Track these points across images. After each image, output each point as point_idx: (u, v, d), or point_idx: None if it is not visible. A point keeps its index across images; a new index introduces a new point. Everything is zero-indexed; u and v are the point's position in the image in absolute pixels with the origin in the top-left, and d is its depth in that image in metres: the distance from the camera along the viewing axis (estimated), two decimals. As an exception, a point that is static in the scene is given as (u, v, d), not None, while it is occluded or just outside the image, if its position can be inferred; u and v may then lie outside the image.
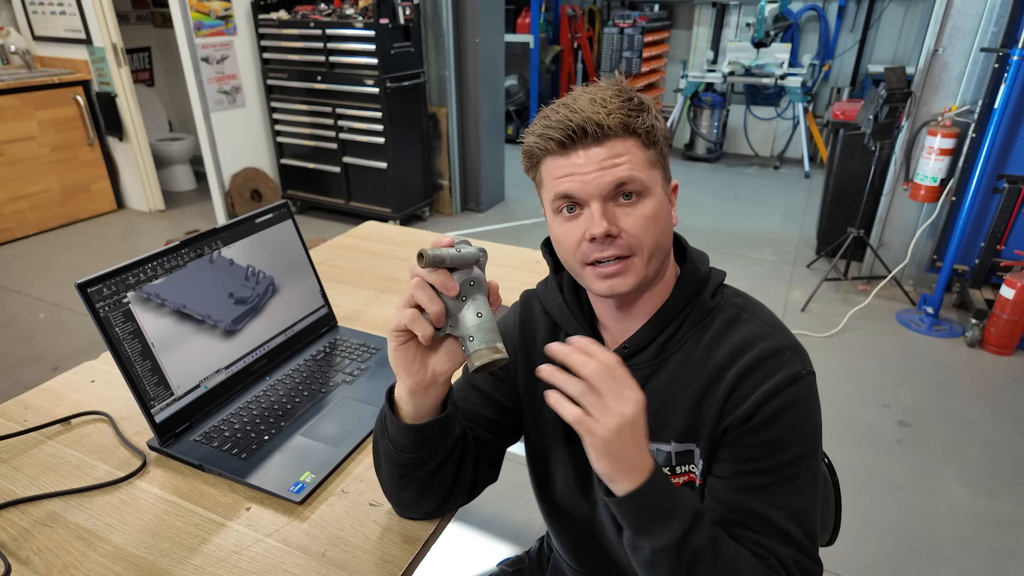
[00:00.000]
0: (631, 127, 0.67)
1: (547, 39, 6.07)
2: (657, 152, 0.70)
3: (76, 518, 0.82)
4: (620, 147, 0.67)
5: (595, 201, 0.67)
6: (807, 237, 3.93)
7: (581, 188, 0.67)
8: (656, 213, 0.69)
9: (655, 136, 0.69)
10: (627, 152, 0.67)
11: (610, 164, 0.67)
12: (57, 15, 3.97)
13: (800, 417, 0.69)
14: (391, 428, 0.73)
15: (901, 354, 2.71)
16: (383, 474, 0.78)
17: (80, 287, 0.85)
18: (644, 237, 0.68)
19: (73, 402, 1.05)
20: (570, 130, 0.66)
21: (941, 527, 1.83)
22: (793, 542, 0.68)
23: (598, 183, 0.67)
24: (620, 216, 0.68)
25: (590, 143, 0.67)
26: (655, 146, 0.70)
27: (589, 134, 0.66)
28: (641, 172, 0.68)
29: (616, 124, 0.66)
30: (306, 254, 1.22)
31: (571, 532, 0.89)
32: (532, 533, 1.76)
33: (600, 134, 0.67)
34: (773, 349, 0.70)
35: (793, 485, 0.69)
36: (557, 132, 0.67)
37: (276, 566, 0.76)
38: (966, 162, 2.84)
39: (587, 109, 0.66)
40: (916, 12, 5.13)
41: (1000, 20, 2.65)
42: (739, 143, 5.91)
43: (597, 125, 0.66)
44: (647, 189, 0.68)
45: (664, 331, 0.75)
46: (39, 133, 3.90)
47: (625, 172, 0.67)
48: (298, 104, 3.98)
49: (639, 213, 0.68)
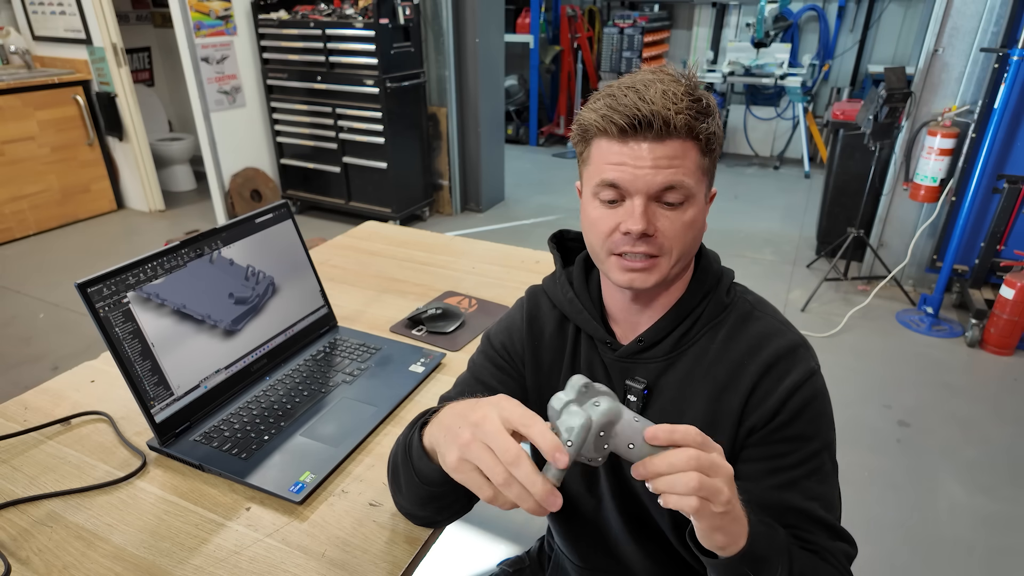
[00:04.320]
0: (695, 131, 0.66)
1: (547, 39, 6.06)
2: (711, 160, 0.69)
3: (76, 518, 0.82)
4: (679, 149, 0.65)
5: (640, 197, 0.66)
6: (807, 237, 3.93)
7: (630, 181, 0.66)
8: (694, 221, 0.69)
9: (714, 144, 0.68)
10: (684, 155, 0.66)
11: (666, 164, 0.65)
12: (57, 15, 3.97)
13: (821, 409, 0.72)
14: (417, 460, 0.68)
15: (901, 354, 2.71)
16: (402, 494, 0.74)
17: (80, 287, 0.85)
18: (677, 242, 0.68)
19: (73, 402, 1.05)
20: (636, 119, 0.64)
21: (941, 527, 1.83)
22: (835, 533, 0.71)
23: (648, 181, 0.65)
24: (659, 216, 0.67)
25: (652, 137, 0.65)
26: (711, 154, 0.69)
27: (654, 128, 0.64)
28: (691, 178, 0.66)
29: (682, 125, 0.64)
30: (306, 254, 1.22)
31: (575, 527, 0.89)
32: (532, 533, 1.76)
33: (664, 131, 0.64)
34: (789, 346, 0.72)
35: (820, 475, 0.71)
36: (622, 117, 0.64)
37: (276, 566, 0.76)
38: (966, 162, 2.84)
39: (658, 102, 0.64)
40: (916, 12, 5.13)
41: (1000, 20, 2.65)
42: (739, 143, 5.91)
43: (664, 122, 0.64)
44: (692, 196, 0.67)
45: (681, 325, 0.75)
46: (39, 133, 3.90)
47: (677, 176, 0.65)
48: (298, 104, 3.98)
49: (679, 219, 0.67)
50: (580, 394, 0.55)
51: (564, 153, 5.94)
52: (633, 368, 0.76)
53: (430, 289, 1.44)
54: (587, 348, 0.80)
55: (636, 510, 0.81)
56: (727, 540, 0.58)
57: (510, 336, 0.85)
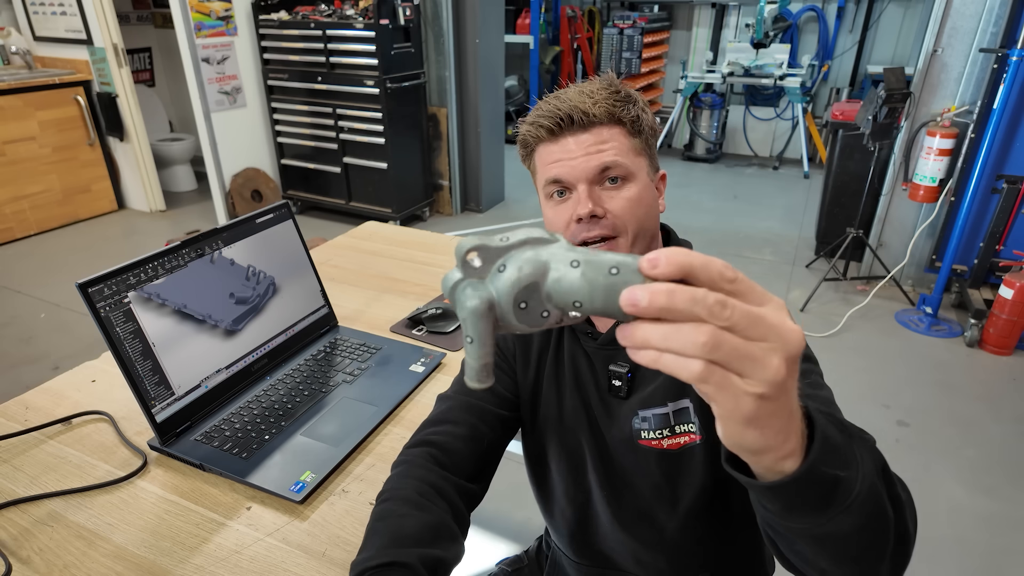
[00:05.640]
0: (616, 116, 0.72)
1: (547, 40, 6.07)
2: (642, 141, 0.75)
3: (77, 517, 0.82)
4: (606, 134, 0.72)
5: (582, 184, 0.72)
6: (806, 237, 3.93)
7: (569, 172, 0.72)
8: (640, 197, 0.73)
9: (640, 126, 0.74)
10: (612, 139, 0.72)
11: (595, 149, 0.71)
12: (58, 15, 3.98)
13: None
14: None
15: (900, 354, 2.71)
16: None
17: (81, 287, 0.85)
18: (628, 218, 0.72)
19: (74, 402, 1.06)
20: (558, 118, 0.71)
21: (941, 527, 1.83)
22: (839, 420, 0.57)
23: (584, 167, 0.71)
24: (605, 198, 0.72)
25: (577, 130, 0.72)
26: (640, 135, 0.74)
27: (576, 121, 0.71)
28: (625, 158, 0.72)
29: (602, 112, 0.71)
30: (306, 254, 1.23)
31: (567, 521, 0.90)
32: (531, 533, 1.76)
33: (586, 121, 0.71)
34: None
35: (810, 380, 0.67)
36: (547, 120, 0.72)
37: (276, 565, 0.76)
38: (965, 162, 2.84)
39: (575, 99, 0.72)
40: (915, 13, 5.13)
41: (999, 20, 2.65)
42: (738, 144, 5.91)
43: (583, 113, 0.71)
44: (631, 174, 0.73)
45: None
46: (40, 133, 3.90)
47: (610, 157, 0.71)
48: (298, 104, 3.98)
49: (623, 196, 0.73)
50: (468, 266, 0.38)
51: (564, 153, 5.94)
52: (615, 354, 0.79)
53: (430, 289, 1.44)
54: (570, 341, 0.83)
55: (625, 500, 0.81)
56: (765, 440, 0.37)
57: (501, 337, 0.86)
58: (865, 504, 0.43)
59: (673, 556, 0.83)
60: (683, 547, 0.82)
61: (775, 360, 0.33)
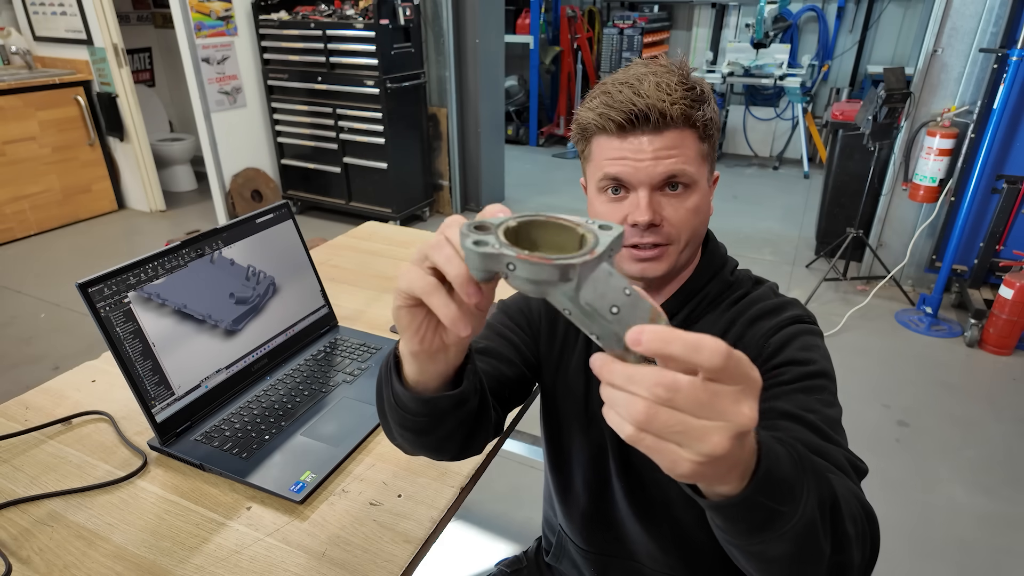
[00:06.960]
0: (691, 119, 0.67)
1: (547, 40, 6.06)
2: (710, 145, 0.71)
3: (77, 517, 0.82)
4: (678, 138, 0.67)
5: (643, 189, 0.68)
6: (806, 237, 3.93)
7: (632, 174, 0.67)
8: (698, 207, 0.70)
9: (711, 130, 0.70)
10: (683, 144, 0.67)
11: (665, 155, 0.66)
12: (58, 15, 3.98)
13: (811, 343, 0.70)
14: (395, 385, 0.59)
15: (900, 354, 2.72)
16: (385, 418, 0.64)
17: (81, 287, 0.85)
18: (684, 228, 0.70)
19: (74, 402, 1.06)
20: (632, 114, 0.65)
21: (940, 527, 1.83)
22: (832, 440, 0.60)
23: (650, 172, 0.67)
24: (665, 205, 0.69)
25: (650, 130, 0.66)
26: (709, 139, 0.70)
27: (651, 121, 0.66)
28: (692, 166, 0.68)
29: (678, 115, 0.66)
30: (307, 254, 1.23)
31: (581, 507, 0.89)
32: (531, 533, 1.76)
33: (661, 123, 0.66)
34: (777, 304, 0.74)
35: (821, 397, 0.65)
36: (618, 114, 0.66)
37: (276, 565, 0.76)
38: (965, 162, 2.84)
39: (652, 95, 0.65)
40: (915, 13, 5.13)
41: (999, 21, 2.65)
42: (738, 143, 5.91)
43: (660, 114, 0.65)
44: (695, 183, 0.69)
45: (687, 305, 0.77)
46: (40, 133, 3.90)
47: (678, 165, 0.67)
48: (298, 104, 3.98)
49: (684, 206, 0.69)
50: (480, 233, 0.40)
51: (564, 153, 5.94)
52: None
53: (430, 289, 1.43)
54: None
55: (642, 490, 0.81)
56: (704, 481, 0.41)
57: (527, 304, 0.86)
58: (799, 537, 0.44)
59: (690, 553, 0.82)
60: (702, 545, 0.80)
61: (716, 437, 0.35)
